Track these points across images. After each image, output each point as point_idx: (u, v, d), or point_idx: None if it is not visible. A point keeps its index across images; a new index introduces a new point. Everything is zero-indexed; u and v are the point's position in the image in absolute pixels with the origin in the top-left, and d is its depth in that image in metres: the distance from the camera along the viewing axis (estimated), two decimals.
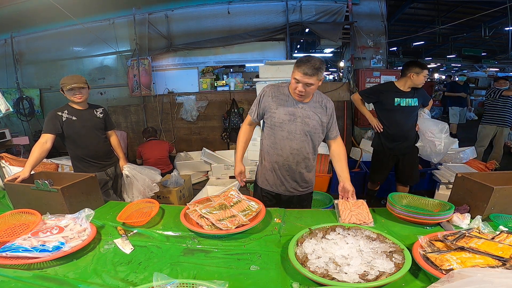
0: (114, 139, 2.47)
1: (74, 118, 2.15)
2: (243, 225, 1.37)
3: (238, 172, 1.88)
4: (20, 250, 1.14)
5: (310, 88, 1.60)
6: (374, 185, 3.07)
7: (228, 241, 1.33)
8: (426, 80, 2.55)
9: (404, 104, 2.59)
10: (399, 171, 2.86)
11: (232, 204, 1.54)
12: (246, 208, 1.51)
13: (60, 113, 2.12)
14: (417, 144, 2.67)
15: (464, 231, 1.17)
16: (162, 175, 3.38)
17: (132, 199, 2.31)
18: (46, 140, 2.02)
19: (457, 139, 3.71)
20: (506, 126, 4.26)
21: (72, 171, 2.37)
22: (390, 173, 2.93)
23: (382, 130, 2.73)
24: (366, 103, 2.85)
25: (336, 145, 1.86)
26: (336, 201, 1.62)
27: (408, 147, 2.71)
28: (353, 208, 1.51)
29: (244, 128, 1.92)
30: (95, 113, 2.29)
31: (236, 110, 5.07)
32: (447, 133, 2.60)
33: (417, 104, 2.62)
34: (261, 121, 1.90)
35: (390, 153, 2.76)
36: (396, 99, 2.59)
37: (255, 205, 1.55)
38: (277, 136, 1.75)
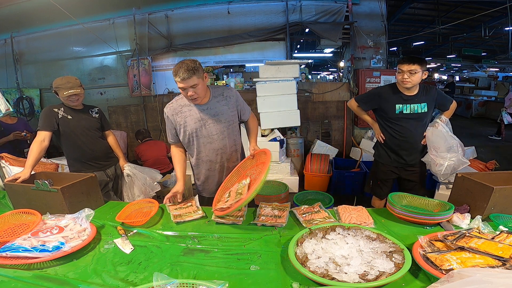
0: (112, 139, 2.45)
1: (69, 117, 2.13)
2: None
3: (174, 190, 1.77)
4: (20, 250, 1.14)
5: (197, 88, 1.59)
6: (376, 201, 2.48)
7: (228, 241, 1.33)
8: (413, 77, 2.01)
9: (408, 111, 2.12)
10: (402, 187, 2.38)
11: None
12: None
13: (56, 110, 2.10)
14: (423, 159, 2.23)
15: (464, 231, 1.17)
16: (162, 175, 3.37)
17: (133, 198, 2.30)
18: (43, 138, 1.99)
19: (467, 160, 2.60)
20: None
21: None
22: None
23: (383, 141, 2.31)
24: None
25: (250, 120, 1.95)
26: (335, 208, 1.62)
27: (413, 160, 2.24)
28: (353, 212, 1.52)
29: (173, 150, 1.91)
30: (91, 113, 2.27)
31: None
32: (456, 153, 2.03)
33: (426, 110, 2.12)
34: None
35: (391, 165, 2.30)
36: (397, 106, 2.14)
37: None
38: (200, 145, 1.80)
